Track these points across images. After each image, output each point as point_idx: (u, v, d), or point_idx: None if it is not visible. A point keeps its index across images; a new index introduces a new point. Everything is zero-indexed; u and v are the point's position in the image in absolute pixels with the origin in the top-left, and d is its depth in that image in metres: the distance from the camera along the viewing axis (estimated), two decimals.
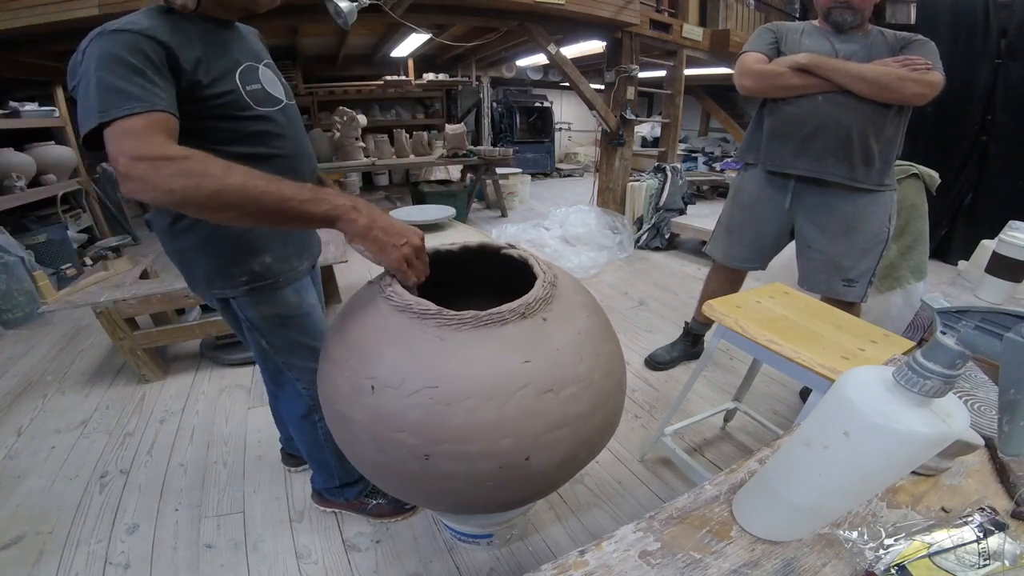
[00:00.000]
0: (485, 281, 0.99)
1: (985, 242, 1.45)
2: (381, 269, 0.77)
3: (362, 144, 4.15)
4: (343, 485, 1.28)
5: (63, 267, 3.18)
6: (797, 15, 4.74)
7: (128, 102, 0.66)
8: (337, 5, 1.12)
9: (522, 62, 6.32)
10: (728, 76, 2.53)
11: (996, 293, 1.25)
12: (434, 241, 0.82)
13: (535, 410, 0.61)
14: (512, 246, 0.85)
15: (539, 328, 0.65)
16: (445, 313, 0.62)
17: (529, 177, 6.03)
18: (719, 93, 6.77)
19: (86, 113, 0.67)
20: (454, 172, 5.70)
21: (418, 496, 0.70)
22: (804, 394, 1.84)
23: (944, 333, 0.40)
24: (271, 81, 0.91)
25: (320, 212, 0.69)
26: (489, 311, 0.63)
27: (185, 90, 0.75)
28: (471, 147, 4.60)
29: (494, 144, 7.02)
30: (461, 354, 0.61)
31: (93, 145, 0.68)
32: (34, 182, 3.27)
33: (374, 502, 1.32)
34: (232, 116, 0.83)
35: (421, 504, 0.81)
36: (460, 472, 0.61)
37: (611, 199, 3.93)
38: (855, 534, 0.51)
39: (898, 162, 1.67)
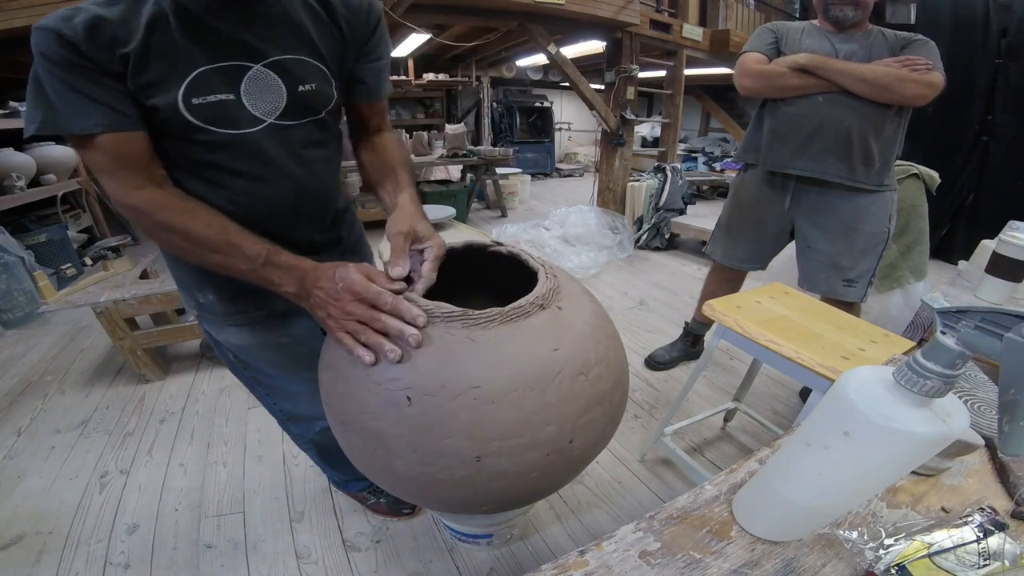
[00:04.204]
0: (472, 281, 0.98)
1: (985, 242, 1.45)
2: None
3: None
4: (343, 481, 1.30)
5: (63, 267, 3.18)
6: (797, 15, 4.74)
7: (79, 118, 0.59)
8: None
9: (522, 62, 6.33)
10: (728, 76, 2.53)
11: (996, 293, 1.25)
12: None
13: (572, 394, 0.64)
14: (499, 243, 0.84)
15: (558, 317, 0.67)
16: (470, 313, 0.62)
17: (529, 177, 6.04)
18: (719, 93, 6.78)
19: (29, 118, 0.61)
20: (454, 172, 5.70)
21: (462, 502, 0.69)
22: (804, 394, 1.84)
23: (944, 333, 0.39)
24: (269, 88, 0.68)
25: (276, 285, 0.65)
26: (511, 306, 0.64)
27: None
28: (471, 147, 4.61)
29: (494, 144, 7.03)
30: (496, 351, 0.61)
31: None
32: (34, 182, 3.27)
33: (373, 499, 1.33)
34: (174, 137, 0.66)
35: (463, 511, 0.79)
36: (510, 468, 0.62)
37: (611, 199, 3.93)
38: (855, 534, 0.51)
39: (898, 162, 1.67)
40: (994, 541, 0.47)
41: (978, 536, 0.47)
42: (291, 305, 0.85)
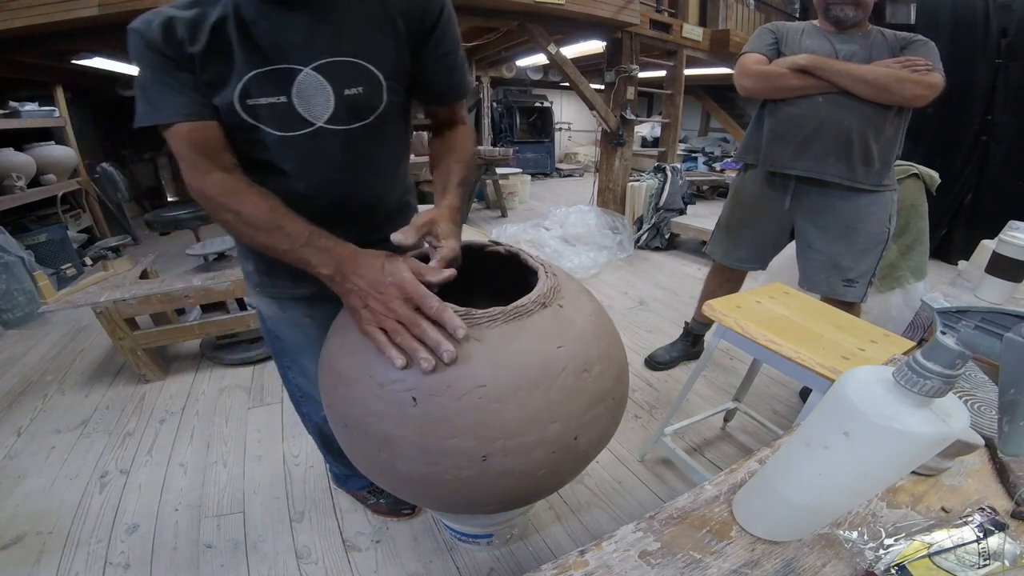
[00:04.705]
0: (470, 281, 0.98)
1: (985, 242, 1.45)
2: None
3: None
4: (344, 476, 1.31)
5: (63, 267, 3.19)
6: (797, 15, 4.74)
7: (162, 109, 0.65)
8: None
9: (522, 62, 6.31)
10: (728, 76, 2.53)
11: (996, 293, 1.25)
12: None
13: (576, 391, 0.64)
14: (497, 243, 0.84)
15: (560, 315, 0.68)
16: (474, 312, 0.62)
17: (529, 177, 6.03)
18: (719, 93, 6.78)
19: (136, 113, 0.67)
20: None
21: (468, 502, 0.69)
22: (804, 394, 1.84)
23: (944, 333, 0.39)
24: (318, 92, 0.69)
25: (312, 266, 0.65)
26: (514, 305, 0.64)
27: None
28: None
29: (494, 144, 7.02)
30: (501, 349, 0.61)
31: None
32: (34, 182, 3.28)
33: (373, 499, 1.33)
34: (234, 134, 0.70)
35: (468, 511, 0.78)
36: (516, 466, 0.62)
37: (611, 199, 3.93)
38: (855, 534, 0.51)
39: (898, 162, 1.67)
40: (994, 541, 0.47)
41: (978, 536, 0.47)
42: (316, 290, 0.87)
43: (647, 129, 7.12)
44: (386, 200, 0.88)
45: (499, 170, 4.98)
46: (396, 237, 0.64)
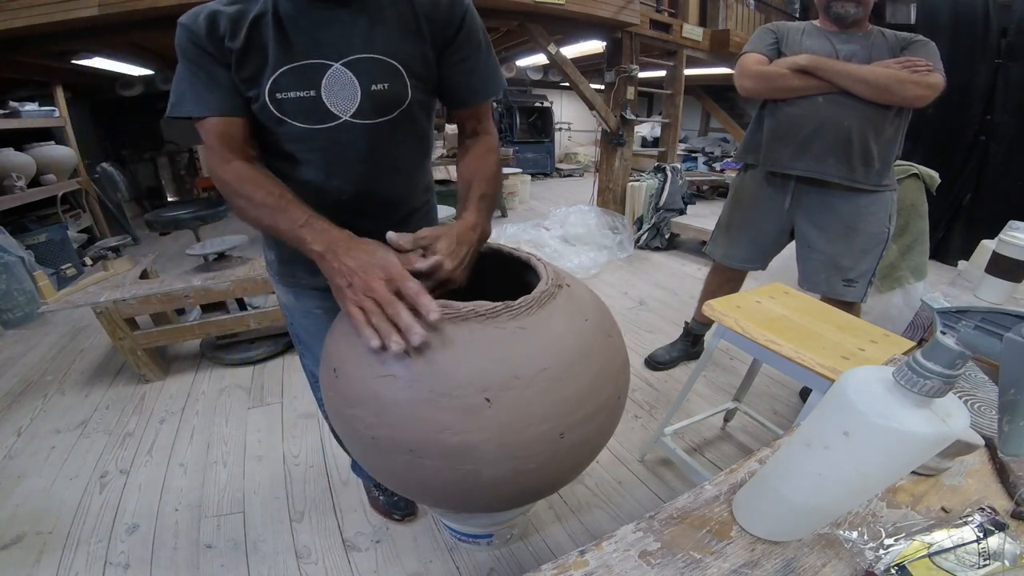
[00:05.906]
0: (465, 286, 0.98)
1: (985, 242, 1.45)
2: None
3: None
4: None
5: (63, 267, 3.19)
6: (797, 15, 4.74)
7: (195, 104, 0.68)
8: None
9: (522, 62, 6.31)
10: (728, 76, 2.53)
11: (996, 293, 1.25)
12: None
13: (610, 355, 0.71)
14: None
15: (572, 293, 0.73)
16: (511, 305, 0.64)
17: (529, 177, 6.03)
18: (719, 93, 6.77)
19: (171, 99, 0.70)
20: (454, 172, 5.69)
21: (542, 487, 0.72)
22: (804, 394, 1.84)
23: (944, 333, 0.39)
24: (345, 86, 0.71)
25: (307, 244, 0.67)
26: (538, 291, 0.67)
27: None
28: None
29: None
30: (545, 333, 0.64)
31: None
32: (34, 182, 3.28)
33: (374, 493, 1.34)
34: (263, 126, 0.73)
35: (538, 497, 0.80)
36: (583, 436, 0.65)
37: (611, 199, 3.93)
38: (855, 534, 0.51)
39: (898, 162, 1.67)
40: (994, 541, 0.47)
41: (978, 536, 0.47)
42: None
43: (647, 129, 7.12)
44: (408, 196, 0.89)
45: None
46: (391, 236, 0.65)
